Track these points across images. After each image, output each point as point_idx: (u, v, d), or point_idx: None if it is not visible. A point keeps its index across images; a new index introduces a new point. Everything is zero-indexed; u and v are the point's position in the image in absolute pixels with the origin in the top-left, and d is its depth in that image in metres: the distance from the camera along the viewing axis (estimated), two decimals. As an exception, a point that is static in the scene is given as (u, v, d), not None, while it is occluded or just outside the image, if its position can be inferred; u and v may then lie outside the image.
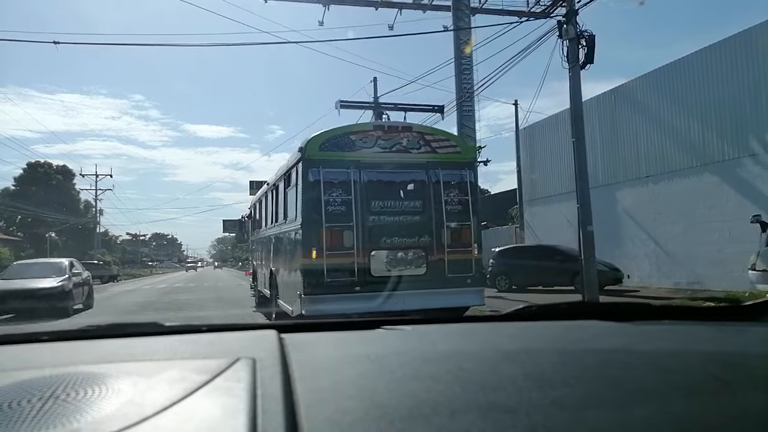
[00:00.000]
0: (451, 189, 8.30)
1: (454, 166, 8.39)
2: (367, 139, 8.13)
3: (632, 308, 1.59)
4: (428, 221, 8.11)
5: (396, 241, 8.01)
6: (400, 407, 0.77)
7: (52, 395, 0.81)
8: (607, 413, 0.79)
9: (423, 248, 8.08)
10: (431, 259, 8.05)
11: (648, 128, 16.98)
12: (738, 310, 1.42)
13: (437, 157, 8.33)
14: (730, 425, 0.79)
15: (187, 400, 0.79)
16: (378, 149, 8.14)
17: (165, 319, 1.32)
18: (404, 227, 8.04)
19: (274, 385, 0.82)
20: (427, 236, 8.09)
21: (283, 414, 0.73)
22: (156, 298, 20.31)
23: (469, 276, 8.15)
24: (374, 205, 7.98)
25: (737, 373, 0.96)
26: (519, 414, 0.76)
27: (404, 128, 8.42)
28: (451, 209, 8.20)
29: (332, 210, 7.78)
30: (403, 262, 8.04)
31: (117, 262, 50.50)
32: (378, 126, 8.37)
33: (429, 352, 1.06)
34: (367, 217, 7.90)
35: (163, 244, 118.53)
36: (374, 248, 7.90)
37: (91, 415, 0.75)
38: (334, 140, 8.06)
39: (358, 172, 7.93)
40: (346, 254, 7.71)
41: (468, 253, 8.19)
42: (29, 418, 0.74)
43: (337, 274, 7.67)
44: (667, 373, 0.95)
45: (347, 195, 7.82)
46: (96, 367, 0.94)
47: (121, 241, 78.71)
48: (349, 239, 7.75)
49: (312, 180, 7.82)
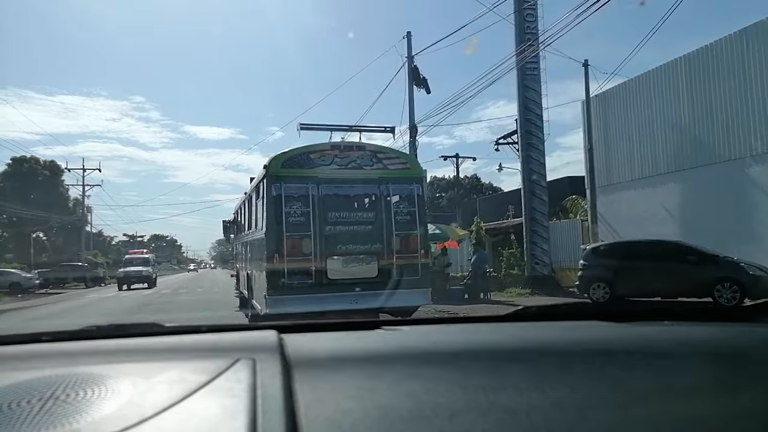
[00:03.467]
0: (401, 201, 9.32)
1: (403, 181, 9.38)
2: (325, 157, 9.10)
3: (632, 309, 1.60)
4: (380, 230, 9.08)
5: (350, 247, 8.98)
6: (401, 408, 0.78)
7: (52, 396, 0.81)
8: (608, 414, 0.79)
9: (375, 254, 9.05)
10: (382, 263, 9.02)
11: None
12: (738, 310, 1.40)
13: (388, 173, 9.28)
14: (731, 425, 0.79)
15: (187, 400, 0.80)
16: (335, 166, 9.09)
17: (165, 319, 1.33)
18: (358, 236, 9.01)
19: (274, 385, 0.82)
20: (379, 243, 9.06)
21: (283, 414, 0.73)
22: (123, 311, 16.48)
23: (416, 278, 9.15)
24: (331, 216, 8.94)
25: (738, 373, 0.96)
26: (519, 414, 0.77)
27: (358, 147, 9.44)
28: (400, 219, 9.18)
29: (293, 221, 8.74)
30: (357, 266, 9.00)
31: (109, 264, 49.08)
32: (335, 145, 9.39)
33: (429, 352, 1.06)
34: (324, 227, 8.87)
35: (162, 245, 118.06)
36: (330, 254, 8.86)
37: (90, 415, 0.75)
38: (295, 159, 9.03)
39: (317, 186, 8.90)
40: (304, 260, 8.68)
41: (415, 258, 9.18)
42: (29, 418, 0.74)
43: (296, 277, 8.64)
44: (667, 373, 0.95)
45: (306, 207, 8.79)
46: (96, 368, 0.94)
47: (116, 243, 78.23)
48: (307, 246, 8.72)
49: (275, 194, 8.79)
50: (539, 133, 17.18)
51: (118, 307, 18.03)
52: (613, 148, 18.57)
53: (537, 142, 17.21)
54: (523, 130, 17.30)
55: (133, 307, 17.33)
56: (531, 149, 17.19)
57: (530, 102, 16.92)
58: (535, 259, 17.00)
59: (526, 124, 17.19)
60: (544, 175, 17.42)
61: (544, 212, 17.38)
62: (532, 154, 17.20)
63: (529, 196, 17.22)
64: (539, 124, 17.17)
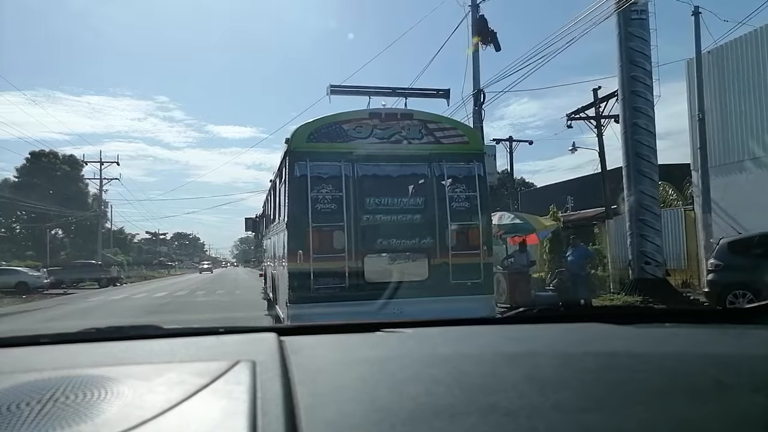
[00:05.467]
0: (457, 184, 7.40)
1: (460, 158, 7.49)
2: (361, 128, 7.25)
3: (633, 311, 1.68)
4: (431, 221, 7.26)
5: (393, 243, 7.18)
6: (401, 410, 0.77)
7: (52, 398, 0.81)
8: (608, 416, 0.79)
9: (424, 251, 7.26)
10: (434, 263, 7.21)
11: None
12: (739, 312, 1.43)
13: (441, 148, 7.44)
14: (732, 428, 0.78)
15: (187, 402, 0.79)
16: (374, 140, 7.28)
17: (165, 321, 0.90)
18: (403, 227, 7.21)
19: (274, 387, 0.83)
20: (430, 238, 7.24)
21: (283, 417, 0.73)
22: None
23: (477, 283, 7.23)
24: (369, 202, 7.16)
25: (738, 375, 0.96)
26: (519, 417, 0.76)
27: (404, 115, 7.50)
28: (457, 207, 7.33)
29: (321, 208, 6.96)
30: (401, 267, 7.26)
31: (128, 263, 48.26)
32: (374, 113, 7.43)
33: (430, 354, 1.07)
34: (361, 217, 7.07)
35: (185, 243, 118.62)
36: (368, 251, 7.10)
37: (90, 418, 0.75)
38: (324, 130, 7.18)
39: (351, 165, 7.10)
40: (336, 258, 6.89)
41: (476, 256, 7.29)
42: (28, 421, 0.74)
43: (325, 281, 6.87)
44: (668, 375, 0.95)
45: (338, 191, 6.98)
46: (96, 370, 0.95)
47: (139, 240, 77.81)
48: (339, 241, 6.92)
49: (299, 175, 7.00)
50: (648, 94, 13.15)
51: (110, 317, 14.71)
52: (730, 119, 14.84)
53: (645, 106, 13.15)
54: (627, 90, 13.23)
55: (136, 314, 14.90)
56: (638, 115, 13.10)
57: (636, 54, 12.95)
58: (645, 258, 13.00)
59: (630, 83, 13.12)
60: (655, 148, 13.34)
61: (656, 196, 13.46)
62: (639, 122, 13.10)
63: (635, 175, 13.13)
64: (648, 83, 13.13)
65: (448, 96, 8.99)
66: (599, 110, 17.34)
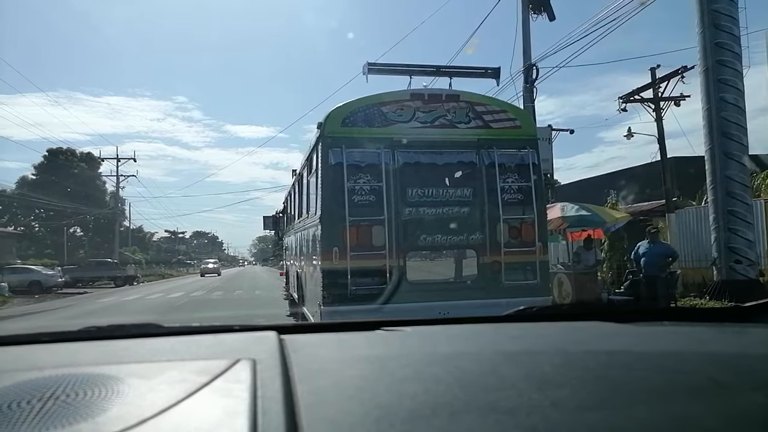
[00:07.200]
0: (510, 173, 6.67)
1: (512, 145, 6.75)
2: (402, 111, 6.54)
3: (633, 309, 1.67)
4: (480, 214, 6.55)
5: (439, 239, 6.49)
6: (401, 408, 0.76)
7: (52, 396, 0.81)
8: (608, 414, 0.78)
9: (473, 248, 6.57)
10: (484, 261, 6.51)
11: None
12: (738, 311, 1.41)
13: (491, 133, 6.70)
14: (731, 426, 0.77)
15: (187, 401, 0.79)
16: (416, 124, 6.57)
17: (165, 320, 1.32)
18: (449, 222, 6.51)
19: (275, 386, 0.82)
20: (479, 233, 6.52)
21: (283, 415, 0.73)
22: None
23: (533, 283, 6.49)
24: (411, 194, 6.46)
25: (738, 374, 0.95)
26: (519, 415, 0.75)
27: (449, 96, 6.75)
28: (509, 199, 6.60)
29: (358, 201, 6.28)
30: (448, 265, 6.62)
31: (147, 261, 48.33)
32: (416, 94, 6.69)
33: (429, 353, 1.06)
34: (403, 210, 6.38)
35: (204, 242, 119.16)
36: (411, 248, 6.43)
37: (91, 416, 0.75)
38: (360, 113, 6.47)
39: (391, 152, 6.40)
40: (375, 256, 6.22)
41: (531, 254, 6.55)
42: (29, 419, 0.74)
43: (364, 281, 6.21)
44: (668, 374, 0.95)
45: (377, 182, 6.29)
46: (96, 369, 0.94)
47: (158, 239, 77.86)
48: (379, 237, 6.24)
49: (333, 163, 6.31)
50: (737, 63, 11.17)
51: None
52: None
53: (733, 77, 11.16)
54: (712, 60, 11.24)
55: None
56: (725, 89, 11.12)
57: (722, 18, 11.04)
58: (735, 255, 11.07)
59: (715, 51, 11.16)
60: (745, 127, 11.30)
61: (747, 183, 11.47)
62: (727, 96, 11.09)
63: (722, 158, 11.15)
64: (737, 51, 11.18)
65: (498, 75, 8.22)
66: (658, 91, 15.97)
